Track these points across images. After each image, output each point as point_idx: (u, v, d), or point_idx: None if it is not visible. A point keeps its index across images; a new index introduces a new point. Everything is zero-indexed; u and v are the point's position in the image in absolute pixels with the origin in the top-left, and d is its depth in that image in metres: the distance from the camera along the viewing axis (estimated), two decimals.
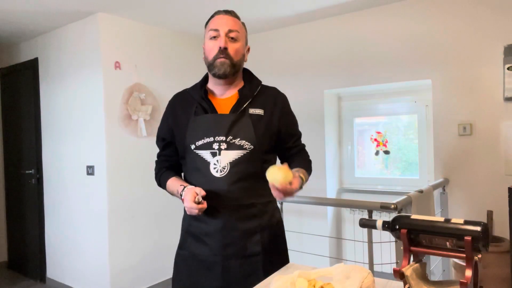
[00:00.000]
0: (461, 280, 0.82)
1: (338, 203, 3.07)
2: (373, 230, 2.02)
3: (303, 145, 1.57)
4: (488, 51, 2.63)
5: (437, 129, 2.85)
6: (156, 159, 1.51)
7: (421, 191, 2.24)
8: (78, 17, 3.12)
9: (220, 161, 1.30)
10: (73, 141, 3.32)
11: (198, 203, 1.23)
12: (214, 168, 1.30)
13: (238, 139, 1.31)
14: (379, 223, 1.01)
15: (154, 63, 3.41)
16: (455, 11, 2.75)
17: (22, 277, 3.84)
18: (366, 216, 2.35)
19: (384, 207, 1.91)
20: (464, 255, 0.85)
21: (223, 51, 1.30)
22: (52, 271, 3.58)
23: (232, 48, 1.32)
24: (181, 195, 1.29)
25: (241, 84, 1.42)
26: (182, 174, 1.46)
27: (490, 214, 2.60)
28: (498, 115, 2.60)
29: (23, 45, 3.82)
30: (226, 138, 1.31)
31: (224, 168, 1.30)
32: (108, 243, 3.03)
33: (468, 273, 0.84)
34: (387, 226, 0.99)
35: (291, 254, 1.50)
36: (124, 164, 3.15)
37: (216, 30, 1.32)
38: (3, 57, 4.10)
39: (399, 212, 1.89)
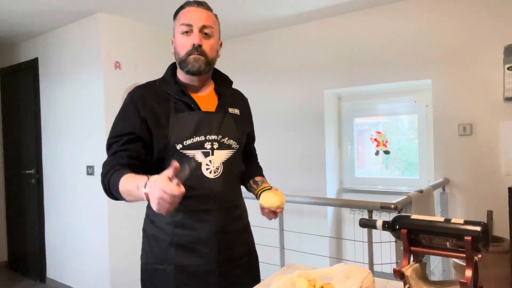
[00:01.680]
0: (461, 280, 0.82)
1: (338, 203, 3.07)
2: (373, 230, 2.02)
3: (255, 148, 1.59)
4: (488, 51, 2.63)
5: (437, 129, 2.85)
6: (106, 159, 1.21)
7: (421, 191, 2.24)
8: (78, 17, 3.12)
9: (213, 161, 1.23)
10: (73, 141, 3.32)
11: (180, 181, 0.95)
12: (207, 169, 1.22)
13: (227, 138, 1.27)
14: (379, 223, 1.01)
15: (154, 63, 3.41)
16: (455, 11, 2.75)
17: (22, 277, 3.84)
18: (366, 216, 2.36)
19: (384, 207, 1.91)
20: (464, 255, 0.85)
21: (197, 48, 1.21)
22: (52, 271, 3.58)
23: (206, 44, 1.23)
24: (145, 186, 0.98)
25: (211, 81, 1.36)
26: None
27: (490, 214, 2.60)
28: (498, 115, 2.60)
29: (23, 45, 3.81)
30: (218, 137, 1.24)
31: (218, 169, 1.23)
32: (108, 243, 3.03)
33: (468, 273, 0.84)
34: (387, 226, 0.99)
35: (291, 254, 1.51)
36: None
37: (188, 25, 1.21)
38: (3, 57, 4.09)
39: (399, 212, 1.89)
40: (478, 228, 0.85)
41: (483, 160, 2.66)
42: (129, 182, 1.07)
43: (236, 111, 1.35)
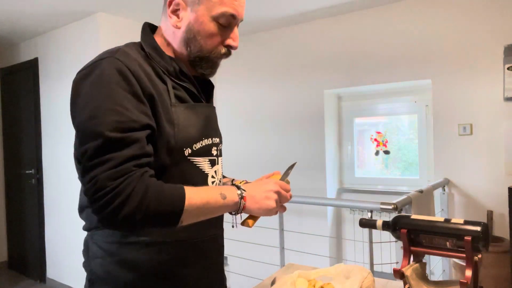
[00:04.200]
0: (461, 280, 0.82)
1: (338, 203, 3.07)
2: (373, 230, 2.02)
3: None
4: (488, 51, 2.63)
5: (437, 129, 2.85)
6: (118, 165, 0.72)
7: (421, 191, 2.24)
8: (78, 17, 3.12)
9: (218, 172, 0.95)
10: (73, 141, 3.31)
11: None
12: (213, 182, 0.93)
13: (220, 144, 1.00)
14: (379, 223, 1.01)
15: None
16: (455, 11, 2.75)
17: (22, 277, 3.84)
18: (366, 216, 2.35)
19: (384, 207, 1.91)
20: (464, 255, 0.85)
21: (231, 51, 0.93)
22: (52, 271, 3.58)
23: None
24: (241, 195, 0.82)
25: None
26: None
27: (490, 214, 2.60)
28: (498, 115, 2.60)
29: (23, 45, 3.81)
30: (219, 141, 0.98)
31: (220, 181, 0.97)
32: None
33: (468, 273, 0.84)
34: (387, 226, 0.99)
35: (291, 254, 1.50)
36: None
37: (234, 16, 0.88)
38: (3, 57, 4.09)
39: (399, 212, 1.89)
40: (478, 228, 0.85)
41: (483, 160, 2.66)
42: (201, 193, 0.78)
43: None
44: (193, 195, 0.76)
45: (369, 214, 2.08)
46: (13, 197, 4.04)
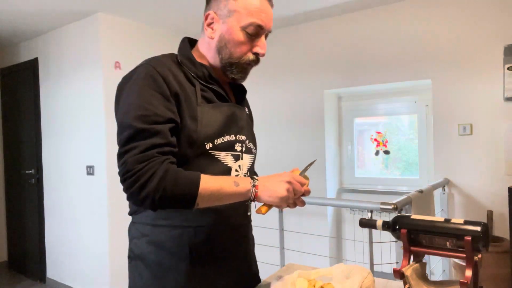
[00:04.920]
0: (461, 280, 0.82)
1: (338, 203, 3.07)
2: (373, 230, 2.02)
3: None
4: (488, 51, 2.63)
5: (437, 129, 2.85)
6: (143, 151, 0.85)
7: (421, 191, 2.24)
8: (78, 17, 3.12)
9: (242, 167, 1.05)
10: (73, 141, 3.32)
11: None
12: (236, 175, 1.02)
13: (248, 141, 1.09)
14: (379, 223, 1.01)
15: None
16: (455, 11, 2.75)
17: (22, 277, 3.84)
18: (366, 216, 2.35)
19: (384, 207, 1.91)
20: (464, 255, 0.85)
21: (259, 58, 1.03)
22: (52, 271, 3.58)
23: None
24: (253, 183, 0.91)
25: None
26: None
27: (490, 214, 2.60)
28: (498, 115, 2.60)
29: (23, 45, 3.81)
30: (245, 138, 1.07)
31: (245, 176, 1.04)
32: (108, 243, 3.03)
33: (468, 273, 0.84)
34: (387, 226, 0.99)
35: (291, 254, 1.50)
36: None
37: (261, 27, 0.99)
38: (3, 57, 4.09)
39: (399, 212, 1.89)
40: (478, 228, 0.85)
41: (483, 160, 2.66)
42: (217, 180, 0.88)
43: (247, 111, 1.15)
44: (208, 181, 0.87)
45: (369, 214, 2.08)
46: (13, 197, 4.04)
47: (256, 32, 0.99)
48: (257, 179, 0.92)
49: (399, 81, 3.01)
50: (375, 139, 3.44)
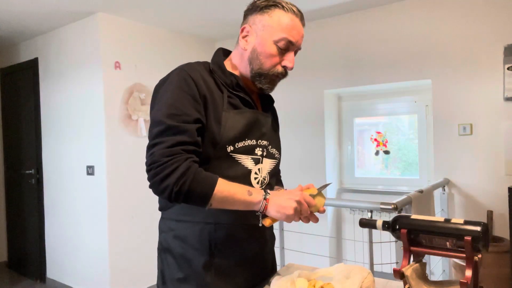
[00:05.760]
0: (461, 280, 0.82)
1: (338, 203, 3.06)
2: (373, 230, 2.02)
3: None
4: (488, 51, 2.63)
5: (437, 129, 2.85)
6: (170, 147, 0.93)
7: (421, 191, 2.24)
8: (78, 17, 3.12)
9: (262, 170, 1.11)
10: (73, 141, 3.32)
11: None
12: (255, 178, 1.09)
13: (270, 146, 1.16)
14: (379, 223, 1.01)
15: (154, 63, 3.41)
16: (455, 11, 2.75)
17: (22, 277, 3.84)
18: (366, 216, 2.35)
19: (384, 207, 1.91)
20: (464, 255, 0.85)
21: (287, 71, 1.12)
22: (52, 271, 3.58)
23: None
24: (265, 196, 0.96)
25: None
26: None
27: (490, 214, 2.60)
28: (498, 115, 2.60)
29: (23, 45, 3.81)
30: (267, 143, 1.13)
31: (264, 179, 1.12)
32: (108, 243, 3.03)
33: (468, 273, 0.84)
34: (387, 226, 0.99)
35: (291, 254, 1.50)
36: (124, 164, 3.15)
37: (292, 43, 1.10)
38: (3, 57, 4.09)
39: (399, 212, 1.89)
40: (478, 228, 0.85)
41: (483, 160, 2.66)
42: (232, 186, 0.95)
43: (271, 117, 1.22)
44: (224, 185, 0.94)
45: (369, 214, 2.08)
46: (13, 197, 4.04)
47: (286, 47, 1.08)
48: (269, 193, 0.97)
49: (399, 81, 3.01)
50: (375, 139, 3.44)
